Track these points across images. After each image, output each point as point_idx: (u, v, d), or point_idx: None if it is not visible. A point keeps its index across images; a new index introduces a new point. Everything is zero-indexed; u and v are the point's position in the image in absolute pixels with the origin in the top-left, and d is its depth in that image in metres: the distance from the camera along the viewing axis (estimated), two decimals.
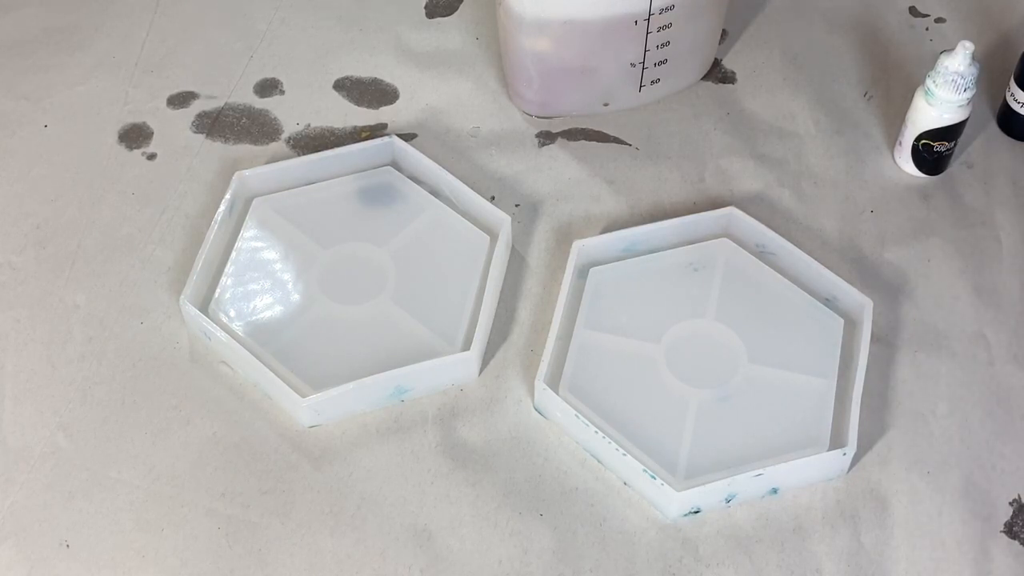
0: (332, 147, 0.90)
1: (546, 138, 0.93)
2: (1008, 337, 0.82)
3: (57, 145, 0.93)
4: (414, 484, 0.76)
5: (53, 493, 0.76)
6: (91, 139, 0.93)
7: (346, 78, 0.97)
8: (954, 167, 0.91)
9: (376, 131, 0.93)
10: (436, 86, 0.96)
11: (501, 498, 0.75)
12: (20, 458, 0.77)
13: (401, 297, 0.82)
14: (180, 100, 0.95)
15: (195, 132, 0.93)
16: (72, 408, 0.79)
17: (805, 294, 0.83)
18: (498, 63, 0.97)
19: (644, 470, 0.73)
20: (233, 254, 0.84)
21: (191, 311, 0.80)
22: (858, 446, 0.75)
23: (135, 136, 0.93)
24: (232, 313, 0.82)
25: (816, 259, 0.82)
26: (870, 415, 0.78)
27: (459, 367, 0.79)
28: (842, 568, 0.72)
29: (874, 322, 0.80)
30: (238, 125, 0.93)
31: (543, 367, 0.78)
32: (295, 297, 0.83)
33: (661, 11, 0.87)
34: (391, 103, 0.95)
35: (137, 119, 0.94)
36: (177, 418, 0.79)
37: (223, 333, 0.79)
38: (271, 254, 0.85)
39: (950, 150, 0.88)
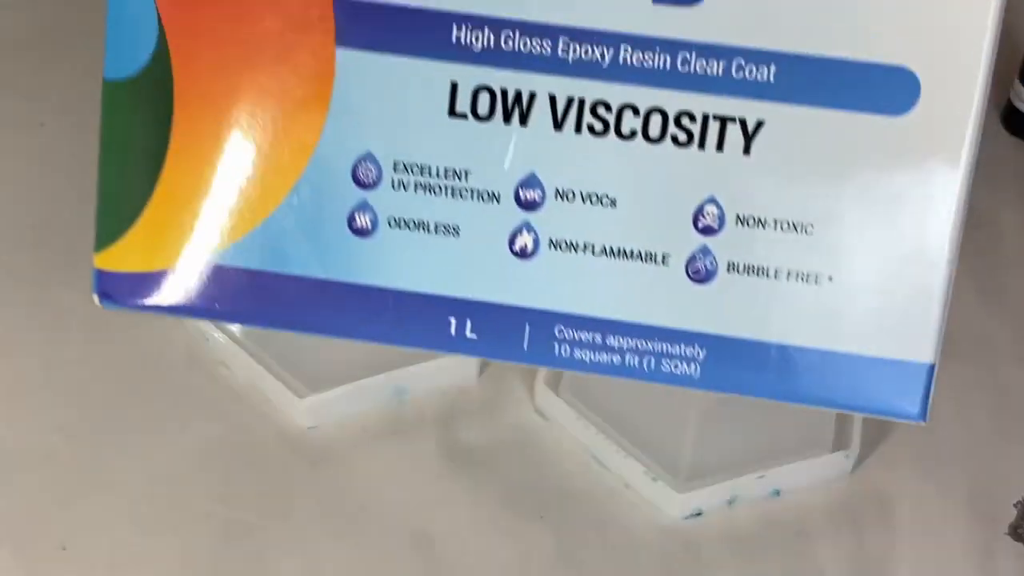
0: None
1: None
2: (1012, 337, 0.81)
3: (54, 144, 0.92)
4: (414, 485, 0.76)
5: (50, 496, 0.75)
6: (88, 138, 0.92)
7: None
8: None
9: None
10: None
11: (501, 500, 0.75)
12: (16, 461, 0.76)
13: None
14: None
15: None
16: (69, 410, 0.79)
17: None
18: None
19: (645, 472, 0.73)
20: None
21: None
22: (861, 448, 0.74)
23: None
24: None
25: None
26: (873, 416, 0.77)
27: (459, 367, 0.78)
28: (845, 570, 0.72)
29: None
30: None
31: (543, 368, 0.77)
32: None
33: None
34: None
35: None
36: (175, 420, 0.78)
37: (221, 334, 0.79)
38: None
39: None
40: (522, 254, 0.45)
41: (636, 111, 0.44)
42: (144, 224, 0.46)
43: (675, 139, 0.44)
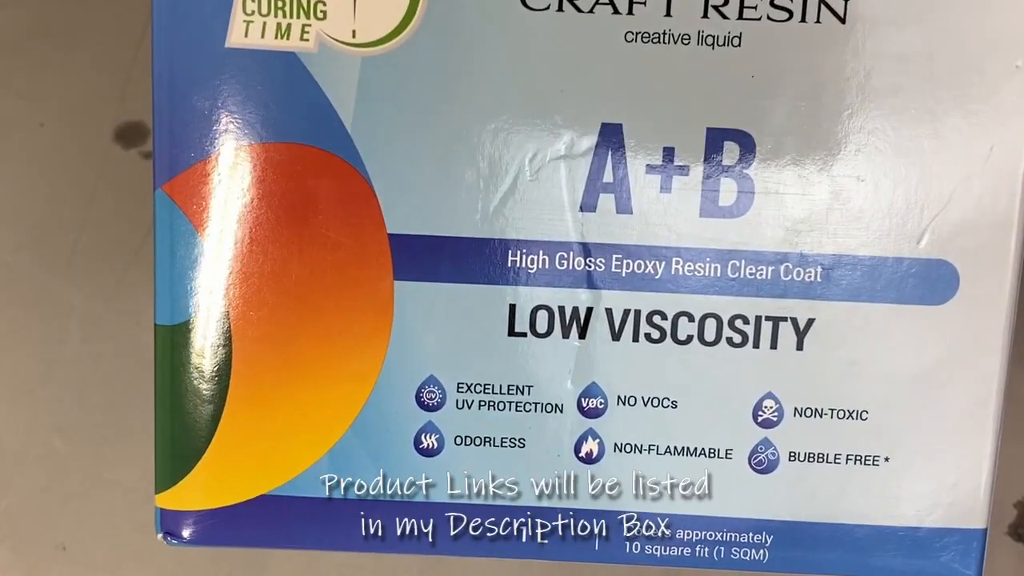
0: None
1: None
2: (1012, 338, 0.81)
3: (53, 143, 0.92)
4: None
5: (49, 496, 0.75)
6: (87, 137, 0.92)
7: None
8: None
9: None
10: None
11: None
12: (16, 461, 0.76)
13: None
14: None
15: None
16: (68, 410, 0.79)
17: None
18: None
19: None
20: None
21: None
22: None
23: (131, 134, 0.92)
24: None
25: None
26: None
27: None
28: None
29: None
30: None
31: None
32: None
33: None
34: None
35: (133, 117, 0.94)
36: None
37: None
38: None
39: None
40: (587, 459, 0.47)
41: (691, 318, 0.46)
42: (206, 464, 0.47)
43: (730, 341, 0.46)
